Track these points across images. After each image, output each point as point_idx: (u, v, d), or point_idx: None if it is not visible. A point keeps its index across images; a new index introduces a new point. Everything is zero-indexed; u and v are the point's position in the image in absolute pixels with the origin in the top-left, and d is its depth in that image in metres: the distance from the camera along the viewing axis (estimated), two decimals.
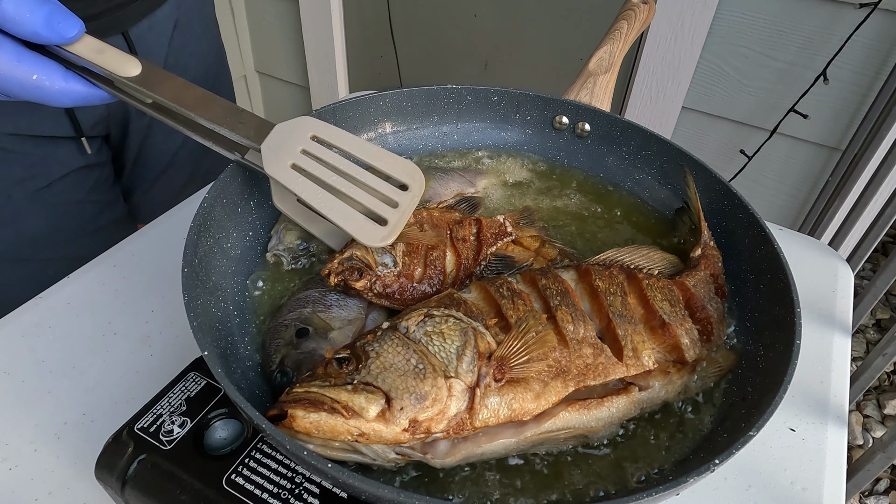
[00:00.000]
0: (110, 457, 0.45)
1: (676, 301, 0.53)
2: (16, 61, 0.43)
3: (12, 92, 0.45)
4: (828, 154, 1.33)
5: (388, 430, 0.41)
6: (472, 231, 0.60)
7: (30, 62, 0.44)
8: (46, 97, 0.46)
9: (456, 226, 0.59)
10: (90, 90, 0.48)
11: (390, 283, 0.54)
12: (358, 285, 0.53)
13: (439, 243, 0.57)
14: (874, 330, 1.88)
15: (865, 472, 0.86)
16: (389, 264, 0.54)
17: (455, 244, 0.58)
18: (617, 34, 0.82)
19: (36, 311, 0.65)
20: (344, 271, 0.53)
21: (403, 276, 0.54)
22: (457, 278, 0.56)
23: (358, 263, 0.53)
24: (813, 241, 0.82)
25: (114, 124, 0.84)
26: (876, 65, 1.19)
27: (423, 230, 0.57)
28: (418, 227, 0.57)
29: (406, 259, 0.55)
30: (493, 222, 0.61)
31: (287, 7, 1.79)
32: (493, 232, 0.60)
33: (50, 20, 0.44)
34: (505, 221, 0.62)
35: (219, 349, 0.48)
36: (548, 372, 0.45)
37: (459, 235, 0.59)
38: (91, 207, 0.85)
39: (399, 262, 0.54)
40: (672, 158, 0.68)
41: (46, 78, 0.45)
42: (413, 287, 0.54)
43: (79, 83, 0.47)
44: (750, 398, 0.48)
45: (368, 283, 0.53)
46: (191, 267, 0.48)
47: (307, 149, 0.52)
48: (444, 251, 0.57)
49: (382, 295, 0.54)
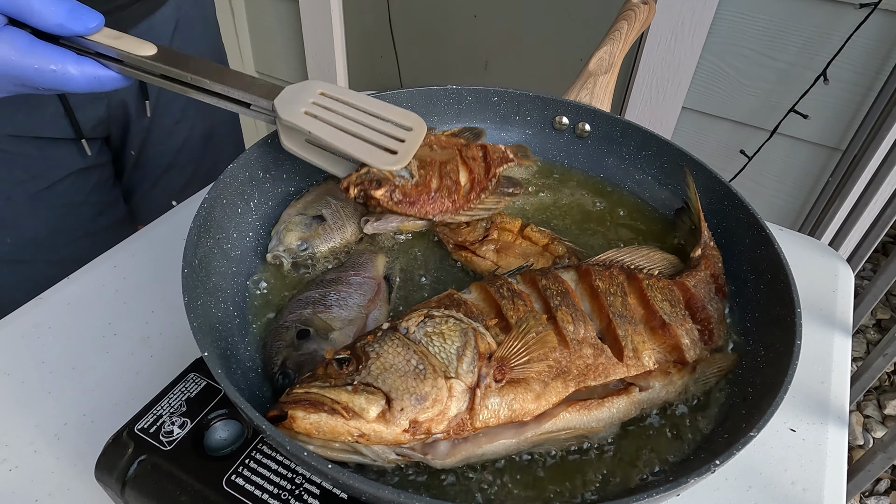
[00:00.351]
0: (110, 458, 0.45)
1: (677, 301, 0.53)
2: (30, 51, 0.46)
3: (29, 80, 0.48)
4: (828, 154, 1.33)
5: (389, 430, 0.41)
6: (478, 153, 0.63)
7: (43, 51, 0.47)
8: (62, 83, 0.48)
9: (464, 148, 0.63)
10: (104, 72, 0.50)
11: (409, 192, 0.57)
12: (378, 193, 0.55)
13: (450, 159, 0.60)
14: (874, 330, 1.88)
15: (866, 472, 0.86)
16: (406, 176, 0.57)
17: (466, 161, 0.61)
18: (617, 34, 0.82)
19: (36, 311, 0.65)
20: (363, 182, 0.55)
21: (420, 185, 0.57)
22: (471, 191, 0.60)
23: (376, 175, 0.56)
24: (813, 242, 0.82)
25: (114, 126, 0.84)
26: (876, 65, 1.18)
27: (433, 150, 0.61)
28: (429, 147, 0.61)
29: (422, 171, 0.58)
30: (496, 148, 0.65)
31: (287, 7, 1.79)
32: (499, 155, 0.64)
33: (73, 13, 0.48)
34: (506, 150, 0.65)
35: (219, 350, 0.48)
36: (548, 372, 0.45)
37: (469, 154, 0.62)
38: (91, 209, 0.85)
39: (415, 174, 0.57)
40: (672, 159, 0.68)
41: (61, 64, 0.48)
42: (431, 195, 0.58)
43: (91, 66, 0.49)
44: (750, 398, 0.48)
45: (388, 192, 0.56)
46: (191, 268, 0.48)
47: (317, 102, 0.55)
48: (456, 165, 0.60)
49: (402, 202, 0.57)
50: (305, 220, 0.62)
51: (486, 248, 0.61)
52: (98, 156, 0.84)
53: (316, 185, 0.68)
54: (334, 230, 0.63)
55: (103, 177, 0.86)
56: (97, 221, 0.86)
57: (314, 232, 0.62)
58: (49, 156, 0.77)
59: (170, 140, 0.92)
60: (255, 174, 0.63)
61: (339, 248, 0.63)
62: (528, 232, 0.62)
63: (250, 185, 0.62)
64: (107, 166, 0.87)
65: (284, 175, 0.67)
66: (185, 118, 0.91)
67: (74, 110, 0.76)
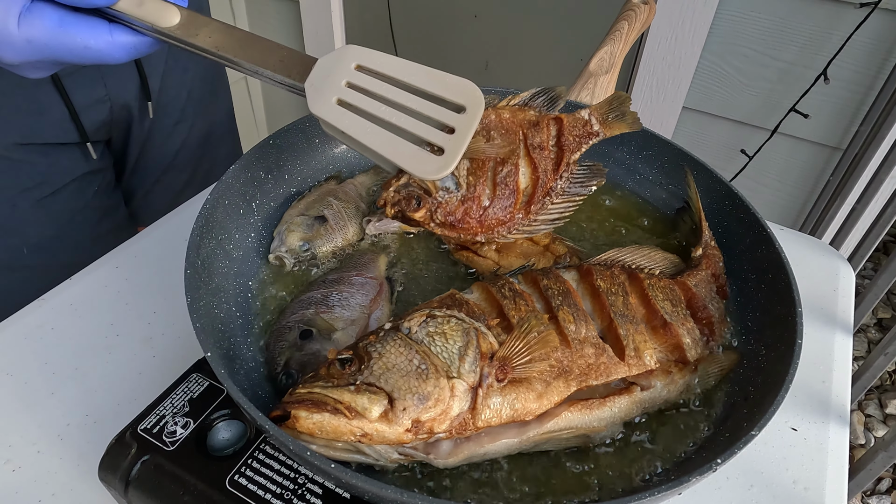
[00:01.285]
0: (113, 458, 0.45)
1: (678, 301, 0.53)
2: (60, 25, 0.45)
3: (63, 56, 0.46)
4: (829, 153, 1.33)
5: (391, 430, 0.41)
6: (550, 134, 0.50)
7: (74, 24, 0.45)
8: (98, 55, 0.47)
9: (531, 129, 0.50)
10: (138, 39, 0.48)
11: (453, 210, 0.47)
12: (417, 216, 0.46)
13: (510, 155, 0.49)
14: (875, 329, 1.88)
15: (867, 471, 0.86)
16: (451, 188, 0.47)
17: (530, 153, 0.49)
18: (617, 35, 0.83)
19: (39, 312, 0.65)
20: (401, 200, 0.46)
21: (468, 199, 0.47)
22: (533, 197, 0.49)
23: (416, 190, 0.46)
24: (814, 241, 0.82)
25: (116, 128, 0.85)
26: (876, 64, 1.18)
27: (491, 139, 0.49)
28: (484, 135, 0.49)
29: (471, 178, 0.47)
30: (576, 120, 0.52)
31: (287, 7, 1.80)
32: (577, 134, 0.52)
33: None
34: (590, 118, 0.52)
35: (221, 350, 0.48)
36: (550, 372, 0.45)
37: (535, 142, 0.50)
38: (93, 214, 0.85)
39: (463, 185, 0.47)
40: (673, 158, 0.68)
41: (93, 36, 0.46)
42: (481, 212, 0.48)
43: (124, 34, 0.47)
44: (752, 397, 0.48)
45: (428, 213, 0.46)
46: (193, 268, 0.48)
47: (352, 81, 0.47)
48: (516, 164, 0.49)
49: (445, 224, 0.47)
50: (307, 221, 0.62)
51: (488, 248, 0.61)
52: (101, 160, 0.84)
53: (318, 186, 0.68)
54: (336, 230, 0.63)
55: (105, 181, 0.87)
56: (100, 226, 0.87)
57: (316, 232, 0.62)
58: (53, 162, 0.78)
59: (169, 141, 0.92)
60: (256, 175, 0.63)
61: (340, 249, 0.63)
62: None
63: (252, 186, 0.62)
64: (108, 170, 0.88)
65: (286, 176, 0.67)
66: (184, 119, 0.91)
67: (79, 113, 0.76)
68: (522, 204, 0.49)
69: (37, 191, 0.78)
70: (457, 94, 0.46)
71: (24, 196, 0.77)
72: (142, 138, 0.89)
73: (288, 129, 0.65)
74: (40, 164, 0.77)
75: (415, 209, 0.46)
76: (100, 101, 0.78)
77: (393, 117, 0.45)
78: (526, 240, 0.59)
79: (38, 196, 0.78)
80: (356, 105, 0.46)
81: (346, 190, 0.67)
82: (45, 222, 0.80)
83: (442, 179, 0.47)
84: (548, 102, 0.53)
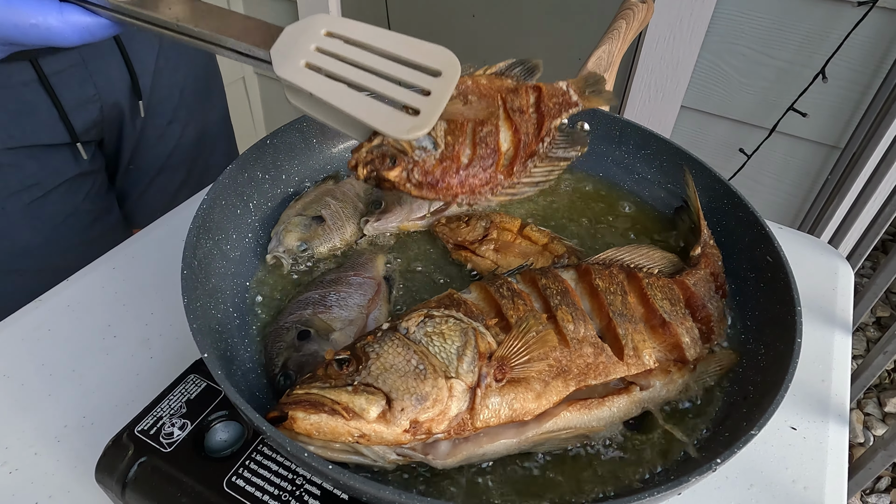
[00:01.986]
0: (111, 459, 0.45)
1: (677, 300, 0.53)
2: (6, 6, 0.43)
3: (11, 34, 0.45)
4: (827, 152, 1.33)
5: (389, 431, 0.41)
6: (529, 101, 0.50)
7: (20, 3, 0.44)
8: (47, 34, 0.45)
9: (510, 94, 0.49)
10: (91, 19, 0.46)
11: (431, 169, 0.45)
12: (391, 175, 0.44)
13: (489, 116, 0.47)
14: (874, 328, 1.88)
15: (867, 470, 0.86)
16: (429, 147, 0.45)
17: (511, 116, 0.48)
18: (615, 34, 0.82)
19: (36, 314, 0.65)
20: (374, 160, 0.44)
21: (447, 158, 0.45)
22: (516, 158, 0.47)
23: (390, 149, 0.44)
24: (813, 240, 0.82)
25: (108, 128, 0.84)
26: (874, 62, 1.19)
27: (469, 103, 0.47)
28: (462, 99, 0.47)
29: (449, 138, 0.45)
30: (554, 89, 0.51)
31: (286, 7, 1.79)
32: (556, 101, 0.50)
33: None
34: (568, 89, 0.52)
35: (218, 351, 0.48)
36: (549, 372, 0.45)
37: (515, 105, 0.48)
38: (86, 217, 0.85)
39: (441, 144, 0.45)
40: (671, 157, 0.68)
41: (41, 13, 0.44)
42: (461, 171, 0.46)
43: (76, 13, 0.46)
44: (751, 397, 0.48)
45: (404, 172, 0.44)
46: (190, 269, 0.48)
47: (322, 46, 0.45)
48: (496, 126, 0.47)
49: (423, 185, 0.45)
50: (305, 221, 0.62)
51: (486, 248, 0.61)
52: (92, 161, 0.83)
53: (315, 186, 0.68)
54: (334, 231, 0.63)
55: (97, 183, 0.86)
56: (92, 229, 0.86)
57: (313, 233, 0.62)
58: (44, 164, 0.77)
59: (162, 142, 0.92)
60: (254, 175, 0.63)
61: (338, 249, 0.63)
62: (528, 231, 0.62)
63: (249, 186, 0.62)
64: (100, 172, 0.87)
65: (283, 176, 0.67)
66: (177, 119, 0.91)
67: (68, 113, 0.76)
68: (504, 166, 0.47)
69: (26, 194, 0.77)
70: (432, 60, 0.44)
71: (12, 199, 0.76)
72: (134, 139, 0.88)
73: (285, 129, 0.65)
74: (30, 166, 0.76)
75: (389, 168, 0.44)
76: (89, 100, 0.78)
77: (365, 80, 0.43)
78: (524, 239, 0.59)
79: (28, 199, 0.77)
80: (326, 69, 0.43)
81: (344, 190, 0.67)
82: (36, 226, 0.79)
83: (419, 139, 0.45)
84: (525, 73, 0.52)
